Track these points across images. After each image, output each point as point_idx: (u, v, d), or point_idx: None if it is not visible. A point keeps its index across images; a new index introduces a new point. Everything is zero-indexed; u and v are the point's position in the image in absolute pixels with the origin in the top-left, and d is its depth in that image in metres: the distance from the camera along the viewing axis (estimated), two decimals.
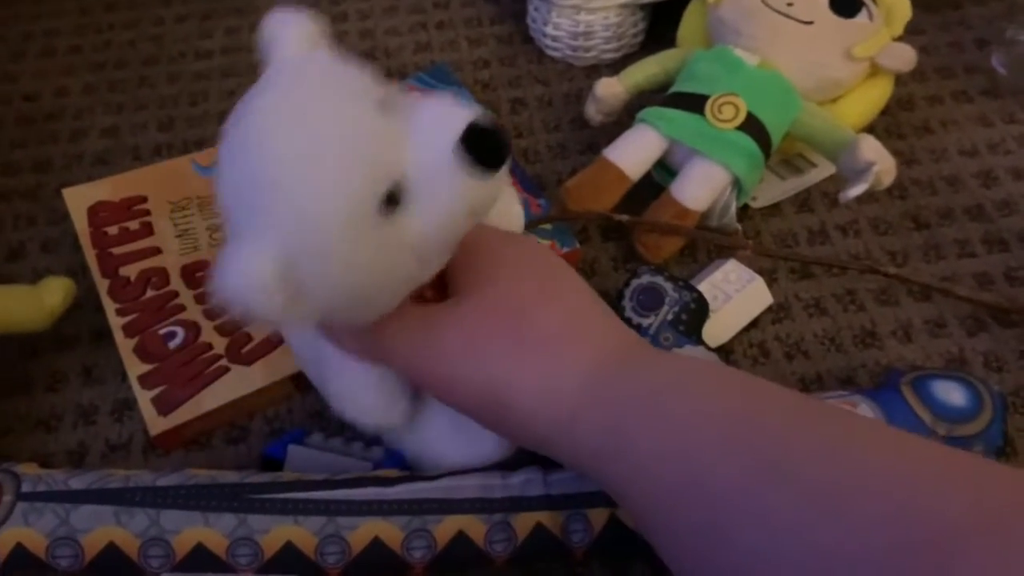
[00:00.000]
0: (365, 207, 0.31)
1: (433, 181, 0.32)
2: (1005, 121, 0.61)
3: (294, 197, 0.30)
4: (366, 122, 0.32)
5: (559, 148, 0.60)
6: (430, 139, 0.32)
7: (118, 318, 0.49)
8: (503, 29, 0.69)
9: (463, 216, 0.33)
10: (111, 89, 0.66)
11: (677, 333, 0.45)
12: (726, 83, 0.50)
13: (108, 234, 0.53)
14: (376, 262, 0.32)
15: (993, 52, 0.63)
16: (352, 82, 0.33)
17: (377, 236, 0.31)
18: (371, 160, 0.31)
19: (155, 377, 0.47)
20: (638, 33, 0.65)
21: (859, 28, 0.52)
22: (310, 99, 0.32)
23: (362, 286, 0.33)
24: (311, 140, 0.31)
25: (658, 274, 0.47)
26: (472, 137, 0.31)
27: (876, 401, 0.42)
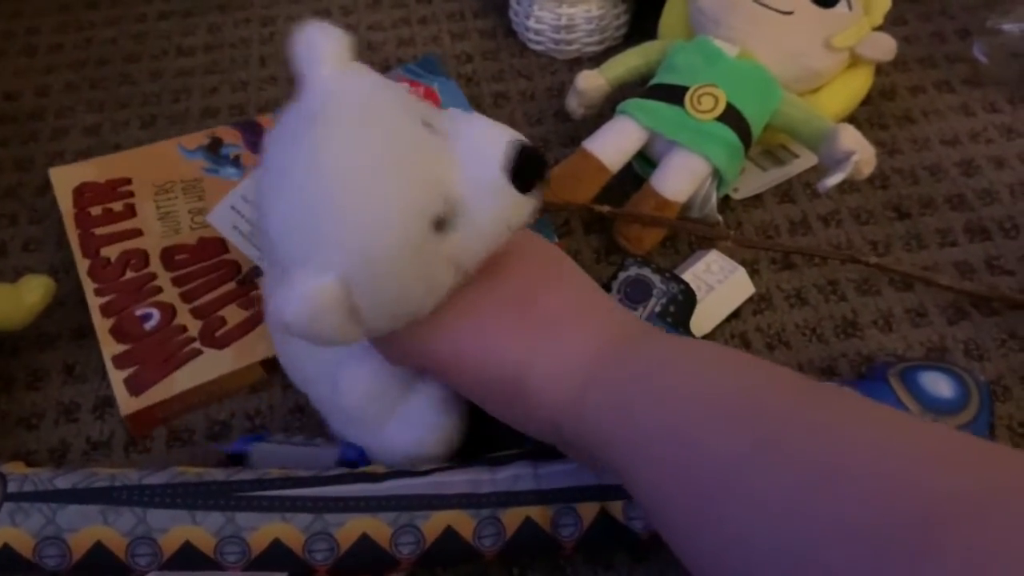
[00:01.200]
0: (421, 227, 0.32)
1: (481, 200, 0.33)
2: (987, 111, 0.61)
3: (356, 221, 0.31)
4: (419, 143, 0.33)
5: (542, 141, 0.60)
6: (479, 159, 0.33)
7: (96, 298, 0.50)
8: (486, 23, 0.68)
9: (505, 232, 0.35)
10: (93, 87, 0.66)
11: (666, 324, 0.45)
12: (706, 74, 0.50)
13: (91, 214, 0.53)
14: (424, 279, 0.34)
15: (975, 42, 0.63)
16: (399, 101, 0.33)
17: (427, 256, 0.33)
18: (426, 180, 0.32)
19: (129, 357, 0.47)
20: (620, 26, 0.65)
21: (839, 18, 0.52)
22: (363, 121, 0.32)
23: (410, 302, 0.34)
24: (369, 163, 0.32)
25: (645, 266, 0.47)
26: (517, 161, 0.33)
27: (863, 391, 0.42)
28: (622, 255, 0.52)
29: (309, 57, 0.34)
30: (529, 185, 0.34)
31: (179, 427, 0.47)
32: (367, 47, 0.67)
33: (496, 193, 0.33)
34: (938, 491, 0.24)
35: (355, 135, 0.32)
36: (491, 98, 0.63)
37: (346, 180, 0.31)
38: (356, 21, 0.69)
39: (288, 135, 0.33)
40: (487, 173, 0.33)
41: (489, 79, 0.64)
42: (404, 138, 0.32)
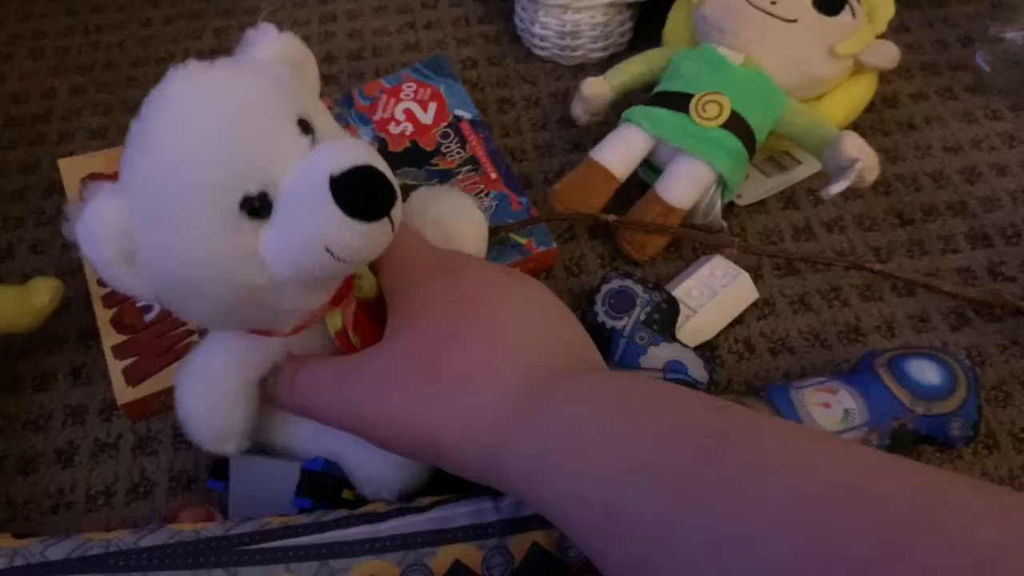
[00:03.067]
0: (222, 198, 0.32)
1: (297, 202, 0.32)
2: (989, 118, 0.61)
3: (160, 164, 0.31)
4: (265, 124, 0.33)
5: (546, 147, 0.60)
6: (316, 165, 0.32)
7: (99, 288, 0.50)
8: (491, 28, 0.69)
9: (317, 249, 0.32)
10: (99, 91, 0.66)
11: (652, 332, 0.45)
12: (710, 81, 0.51)
13: None
14: (217, 256, 0.33)
15: (977, 49, 0.63)
16: (274, 88, 0.33)
17: (225, 231, 0.32)
18: (247, 158, 0.32)
19: (128, 348, 0.48)
20: (625, 32, 0.65)
21: (842, 26, 0.53)
22: (220, 87, 0.33)
23: (198, 276, 0.33)
24: (199, 119, 0.32)
25: (627, 278, 0.47)
26: (350, 178, 0.32)
27: (854, 385, 0.43)
28: (625, 260, 0.53)
29: (251, 42, 0.36)
30: (356, 210, 0.32)
31: None
32: (372, 52, 0.68)
33: (314, 201, 0.32)
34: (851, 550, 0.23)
35: (207, 91, 0.32)
36: (495, 103, 0.63)
37: (173, 123, 0.32)
38: (361, 26, 0.70)
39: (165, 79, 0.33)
40: (313, 179, 0.32)
41: (494, 84, 0.65)
42: (253, 111, 0.32)
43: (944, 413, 0.42)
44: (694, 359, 0.45)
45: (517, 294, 0.37)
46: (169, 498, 0.45)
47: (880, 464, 0.26)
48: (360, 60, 0.67)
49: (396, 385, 0.35)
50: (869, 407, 0.41)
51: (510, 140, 0.61)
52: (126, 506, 0.45)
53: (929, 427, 0.42)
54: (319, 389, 0.37)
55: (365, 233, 0.33)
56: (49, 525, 0.44)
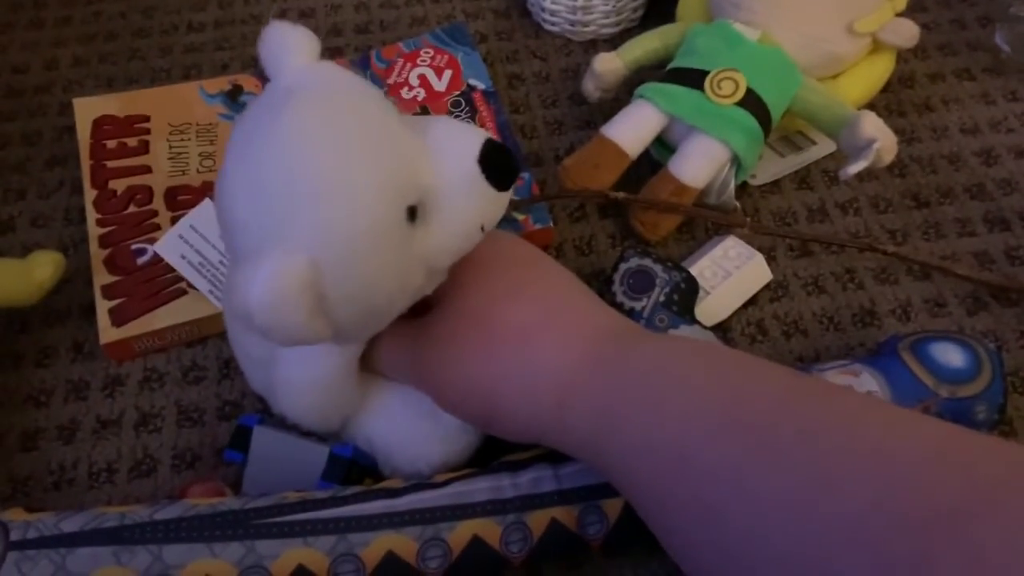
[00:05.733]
0: (394, 213, 0.31)
1: (454, 195, 0.33)
2: (1007, 99, 0.60)
3: (328, 206, 0.30)
4: (393, 131, 0.32)
5: (556, 124, 0.59)
6: (453, 156, 0.33)
7: (97, 228, 0.51)
8: (500, 3, 0.67)
9: (476, 230, 0.34)
10: (101, 61, 0.65)
11: (671, 314, 0.45)
12: (726, 58, 0.50)
13: (106, 147, 0.54)
14: (396, 271, 0.33)
15: (997, 30, 0.62)
16: (372, 93, 0.33)
17: (400, 245, 0.32)
18: (401, 172, 0.32)
19: (117, 289, 0.48)
20: (637, 8, 0.64)
21: (861, 3, 0.52)
22: (338, 109, 0.32)
23: (380, 297, 0.33)
24: (344, 150, 0.31)
25: (647, 256, 0.46)
26: (490, 156, 0.33)
27: (877, 368, 0.42)
28: (636, 240, 0.52)
29: (279, 51, 0.33)
30: (503, 182, 0.34)
31: (189, 407, 0.46)
32: (380, 26, 0.66)
33: (470, 186, 0.33)
34: (941, 493, 0.23)
35: (328, 118, 0.31)
36: (505, 79, 0.62)
37: (319, 160, 0.30)
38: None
39: (256, 120, 0.31)
40: (462, 165, 0.33)
41: (504, 60, 0.63)
42: (378, 125, 0.32)
43: (969, 396, 0.41)
44: (713, 340, 0.44)
45: (557, 267, 0.38)
46: (173, 476, 0.44)
47: (956, 430, 0.26)
48: (367, 33, 0.66)
49: (454, 348, 0.35)
50: (892, 390, 0.41)
51: (520, 116, 0.60)
52: (129, 483, 0.44)
53: (954, 411, 0.41)
54: (394, 357, 0.38)
55: (505, 200, 0.35)
56: (51, 501, 0.43)
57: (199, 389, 0.47)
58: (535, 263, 0.38)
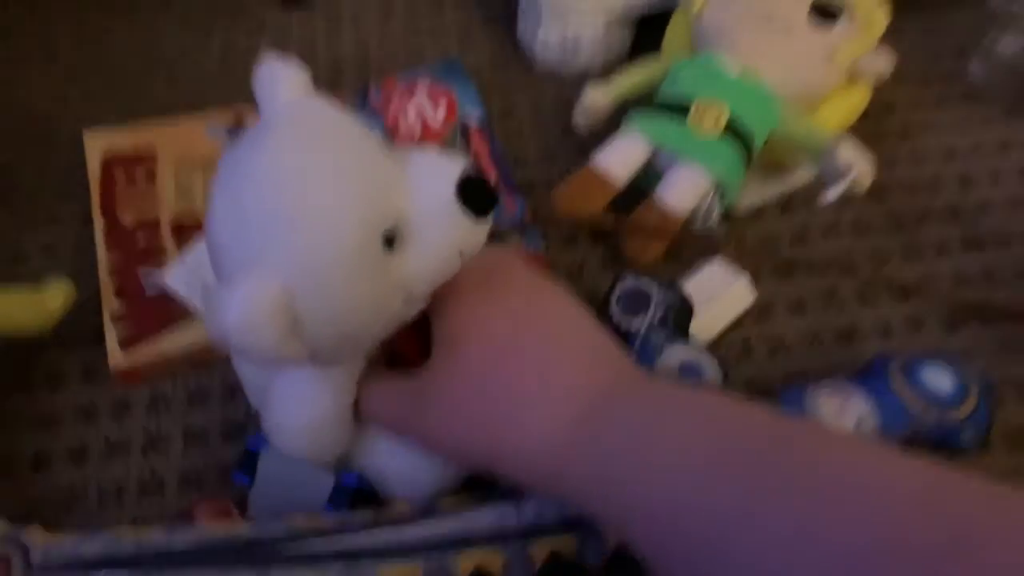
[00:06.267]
0: (370, 238, 0.33)
1: (431, 223, 0.34)
2: (983, 126, 0.62)
3: (301, 232, 0.31)
4: (373, 159, 0.34)
5: (548, 153, 0.61)
6: (431, 184, 0.34)
7: (107, 258, 0.53)
8: (494, 38, 0.70)
9: (453, 258, 0.35)
10: (110, 95, 0.67)
11: (667, 333, 0.46)
12: (709, 90, 0.52)
13: (115, 178, 0.57)
14: (370, 299, 0.34)
15: (972, 58, 0.64)
16: (355, 126, 0.35)
17: (374, 273, 0.33)
18: (376, 198, 0.33)
19: (125, 315, 0.50)
20: (625, 42, 0.66)
21: (838, 36, 0.54)
22: (320, 139, 0.33)
23: (354, 323, 0.34)
24: (321, 176, 0.32)
25: (642, 276, 0.48)
26: (468, 185, 0.34)
27: (867, 390, 0.43)
28: (627, 265, 0.54)
29: (269, 86, 0.35)
30: (480, 210, 0.35)
31: (195, 429, 0.48)
32: (378, 60, 0.69)
33: (447, 214, 0.34)
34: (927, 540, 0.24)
35: (309, 145, 0.33)
36: (499, 111, 0.64)
37: (297, 185, 0.32)
38: (367, 33, 0.71)
39: (239, 151, 0.33)
40: (439, 194, 0.34)
41: (497, 93, 0.66)
42: (358, 153, 0.33)
43: (956, 420, 0.42)
44: (709, 360, 0.46)
45: (559, 305, 0.38)
46: (180, 495, 0.46)
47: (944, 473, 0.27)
48: (365, 68, 0.68)
49: (451, 408, 0.36)
50: (882, 414, 0.42)
51: (513, 146, 0.62)
52: (138, 503, 0.46)
53: (940, 435, 0.42)
54: (387, 410, 0.39)
55: (484, 229, 0.36)
56: (62, 521, 0.45)
57: (204, 411, 0.49)
58: (536, 315, 0.38)
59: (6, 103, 0.66)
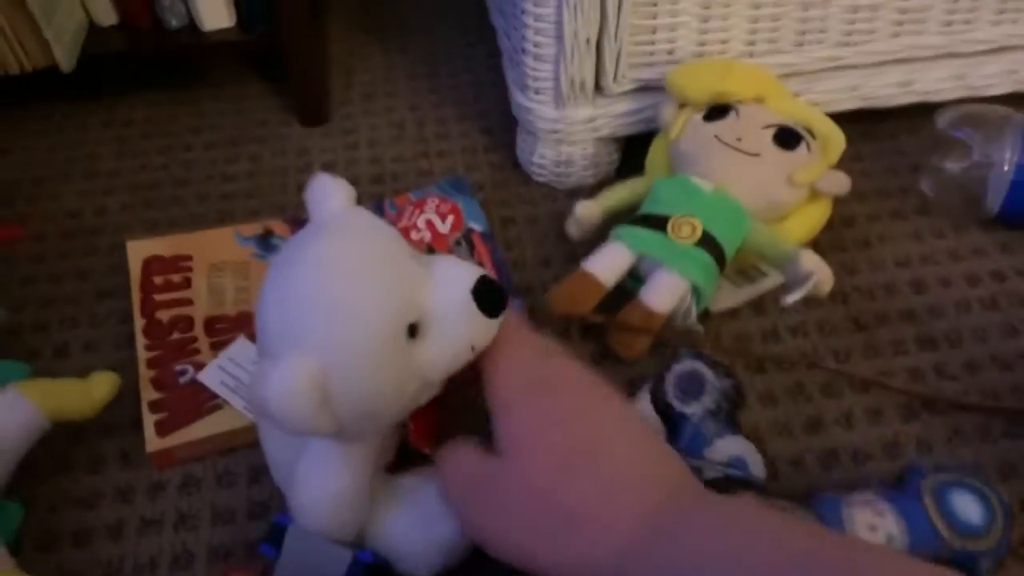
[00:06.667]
0: (397, 329, 0.39)
1: (449, 318, 0.41)
2: (935, 236, 0.69)
3: (339, 321, 0.38)
4: (403, 263, 0.41)
5: (544, 259, 0.68)
6: (451, 285, 0.41)
7: (144, 352, 0.58)
8: (496, 157, 0.78)
9: (465, 349, 0.42)
10: (146, 207, 0.74)
11: (719, 424, 0.50)
12: (685, 206, 0.59)
13: (155, 282, 0.63)
14: (395, 381, 0.40)
15: (922, 177, 0.72)
16: (390, 234, 0.42)
17: (399, 359, 0.40)
18: (404, 295, 0.40)
19: (162, 404, 0.55)
20: (612, 162, 0.74)
21: (799, 159, 0.61)
22: (359, 241, 0.41)
23: (379, 402, 0.40)
24: (361, 273, 0.39)
25: (698, 359, 0.52)
26: (482, 288, 0.41)
27: (900, 510, 0.45)
28: (615, 360, 0.59)
29: (320, 196, 0.43)
30: (493, 311, 0.41)
31: (222, 507, 0.53)
32: (391, 176, 0.76)
33: (463, 311, 0.41)
34: None
35: (351, 247, 0.40)
36: (500, 221, 0.71)
37: (339, 279, 0.38)
38: (381, 153, 0.79)
39: (291, 249, 0.40)
40: (457, 293, 0.41)
41: (498, 205, 0.73)
42: (390, 257, 0.40)
43: (978, 551, 0.44)
44: (754, 455, 0.49)
45: (613, 413, 0.41)
46: (209, 568, 0.50)
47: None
48: (380, 184, 0.75)
49: (513, 521, 0.38)
50: (911, 537, 0.44)
51: (512, 253, 0.68)
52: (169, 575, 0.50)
53: (961, 559, 0.44)
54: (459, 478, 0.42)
55: (495, 326, 0.42)
56: None
57: (231, 492, 0.54)
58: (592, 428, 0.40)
59: (51, 214, 0.73)
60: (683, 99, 0.64)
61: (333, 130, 0.81)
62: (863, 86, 0.72)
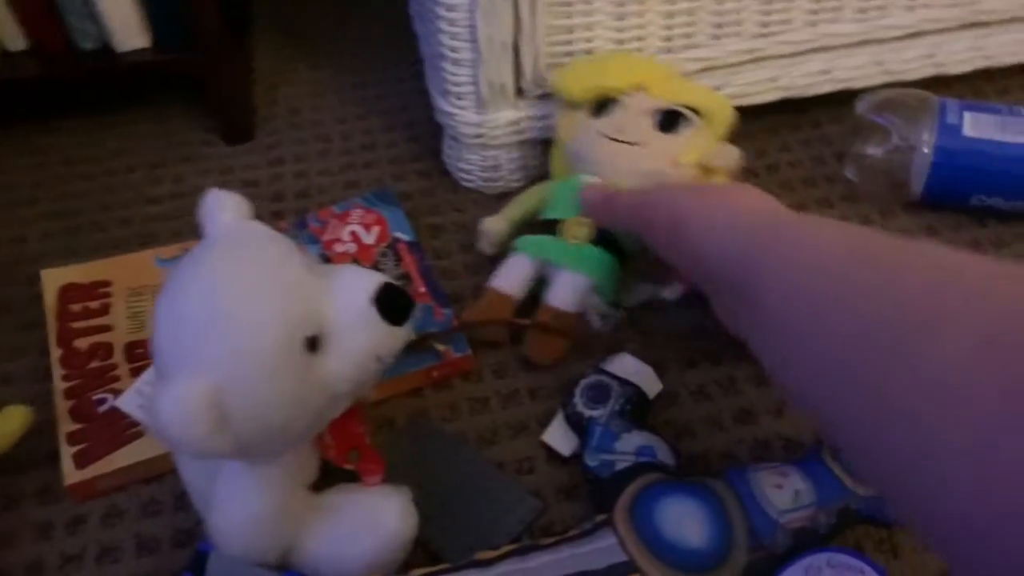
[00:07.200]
0: (291, 347, 0.38)
1: (350, 328, 0.40)
2: (862, 222, 0.70)
3: (230, 337, 0.37)
4: (295, 276, 0.39)
5: (473, 266, 0.67)
6: (350, 293, 0.40)
7: (62, 383, 0.56)
8: (423, 165, 0.77)
9: (370, 359, 0.41)
10: (68, 234, 0.72)
11: (625, 422, 0.51)
12: (576, 207, 0.58)
13: (71, 310, 0.61)
14: (295, 397, 0.39)
15: (846, 163, 0.72)
16: (283, 246, 0.40)
17: (298, 372, 0.38)
18: (298, 307, 0.39)
19: (80, 435, 0.54)
20: (540, 164, 0.73)
21: (682, 140, 0.60)
22: (249, 256, 0.39)
23: (279, 418, 0.39)
24: (249, 287, 0.38)
25: (603, 373, 0.54)
26: (384, 295, 0.40)
27: (803, 470, 0.47)
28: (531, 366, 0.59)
29: (213, 211, 0.42)
30: (396, 318, 0.40)
31: (146, 536, 0.51)
32: (318, 191, 0.75)
33: (364, 321, 0.40)
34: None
35: (242, 261, 0.39)
36: (428, 229, 0.70)
37: (226, 294, 0.37)
38: (307, 168, 0.77)
39: (186, 262, 0.39)
40: (357, 302, 0.40)
41: (427, 213, 0.72)
42: (284, 269, 0.39)
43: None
44: (662, 445, 0.50)
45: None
46: None
47: None
48: (306, 198, 0.74)
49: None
50: (817, 490, 0.46)
51: (442, 262, 0.68)
52: None
53: (869, 508, 0.46)
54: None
55: (401, 335, 0.41)
56: None
57: (156, 521, 0.52)
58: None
59: None
60: (569, 99, 0.64)
61: (258, 147, 0.80)
62: (783, 76, 0.72)
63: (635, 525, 0.45)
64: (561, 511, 0.52)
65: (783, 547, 0.44)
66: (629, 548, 0.44)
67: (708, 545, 0.44)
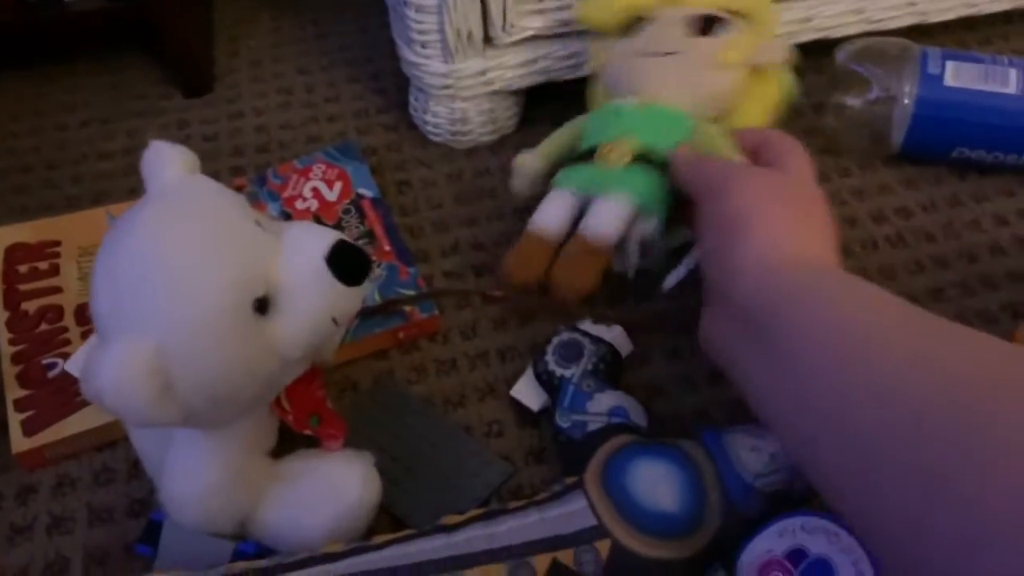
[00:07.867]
0: (238, 309, 0.35)
1: (302, 289, 0.37)
2: (841, 175, 0.68)
3: (173, 297, 0.34)
4: (243, 234, 0.37)
5: (441, 224, 0.65)
6: (302, 252, 0.37)
7: (9, 347, 0.54)
8: (389, 118, 0.74)
9: (325, 322, 0.38)
10: (17, 193, 0.69)
11: (597, 380, 0.50)
12: (614, 130, 0.54)
13: (19, 272, 0.58)
14: (244, 360, 0.36)
15: (825, 115, 0.70)
16: (230, 201, 0.38)
17: (247, 336, 0.36)
18: (247, 266, 0.36)
19: (29, 401, 0.51)
20: (511, 116, 0.71)
21: (721, 42, 0.57)
22: (193, 211, 0.36)
23: (228, 384, 0.36)
24: (191, 247, 0.35)
25: (575, 331, 0.52)
26: (337, 253, 0.37)
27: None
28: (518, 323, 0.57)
29: (156, 165, 0.39)
30: (351, 278, 0.38)
31: (99, 506, 0.49)
32: (278, 144, 0.72)
33: (317, 280, 0.37)
34: None
35: (186, 217, 0.36)
36: (395, 186, 0.68)
37: (167, 253, 0.34)
38: (268, 122, 0.74)
39: (127, 218, 0.36)
40: (310, 261, 0.37)
41: (393, 168, 0.69)
42: (231, 226, 0.36)
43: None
44: (634, 405, 0.49)
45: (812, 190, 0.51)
46: (84, 574, 0.47)
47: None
48: (267, 152, 0.71)
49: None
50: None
51: (408, 219, 0.65)
52: None
53: None
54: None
55: (357, 295, 0.38)
56: None
57: (109, 490, 0.50)
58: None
59: None
60: (597, 28, 0.61)
61: (217, 100, 0.77)
62: None
63: (607, 488, 0.43)
64: (530, 474, 0.51)
65: (757, 511, 0.43)
66: (600, 512, 0.42)
67: (681, 509, 0.43)
